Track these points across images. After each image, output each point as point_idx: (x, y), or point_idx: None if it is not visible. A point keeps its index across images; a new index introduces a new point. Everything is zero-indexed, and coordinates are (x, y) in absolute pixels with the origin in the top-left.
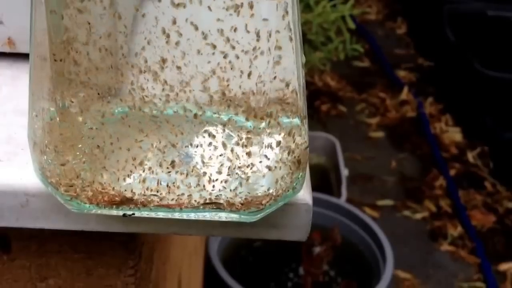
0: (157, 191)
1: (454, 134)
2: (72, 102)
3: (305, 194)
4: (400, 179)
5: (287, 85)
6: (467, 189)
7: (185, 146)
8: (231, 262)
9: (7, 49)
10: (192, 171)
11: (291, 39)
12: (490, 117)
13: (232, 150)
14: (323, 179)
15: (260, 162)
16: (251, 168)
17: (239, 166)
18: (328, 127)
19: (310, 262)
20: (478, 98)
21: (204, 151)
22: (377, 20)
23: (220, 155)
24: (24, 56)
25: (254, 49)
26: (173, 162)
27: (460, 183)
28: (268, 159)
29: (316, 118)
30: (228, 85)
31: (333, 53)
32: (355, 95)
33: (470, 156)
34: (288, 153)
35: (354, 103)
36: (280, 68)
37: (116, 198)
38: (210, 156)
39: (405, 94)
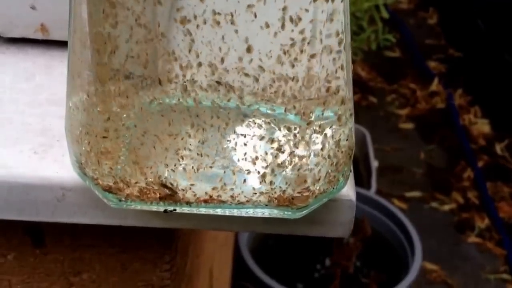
0: (199, 187)
1: (482, 126)
2: (113, 92)
3: (348, 190)
4: (429, 170)
5: (335, 77)
6: (494, 181)
7: (227, 140)
8: (259, 252)
9: (39, 36)
10: (234, 166)
11: (341, 31)
12: None
13: (276, 145)
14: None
15: (305, 157)
16: (295, 164)
17: (283, 161)
18: (358, 118)
19: (340, 254)
20: (507, 90)
21: (247, 145)
22: (409, 9)
23: (264, 150)
24: (58, 44)
25: (302, 40)
26: (215, 156)
27: (488, 175)
28: (313, 154)
29: None
30: (273, 77)
31: (365, 43)
32: (386, 85)
33: (498, 148)
34: (334, 148)
35: (385, 94)
36: (329, 60)
37: (157, 194)
38: (253, 151)
39: (435, 85)
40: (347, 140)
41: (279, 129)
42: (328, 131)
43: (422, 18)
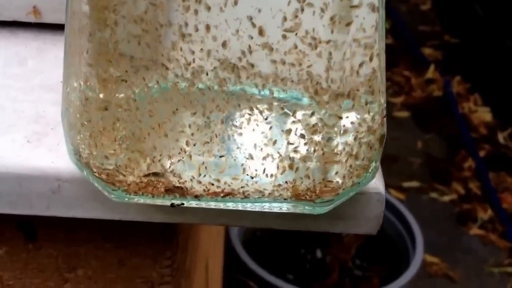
0: (209, 178)
1: (483, 114)
2: (113, 76)
3: (377, 182)
4: (427, 160)
5: (366, 63)
6: (497, 171)
7: (240, 127)
8: (250, 242)
9: (32, 19)
10: (248, 156)
11: (374, 10)
12: None
13: (297, 133)
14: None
15: (330, 146)
16: (319, 153)
17: (305, 150)
18: None
19: (339, 247)
20: (509, 76)
21: (263, 133)
22: None
23: (283, 139)
24: (51, 27)
25: (331, 19)
26: (226, 145)
27: (490, 164)
28: (340, 142)
29: None
30: (295, 58)
31: None
32: None
33: (501, 136)
34: (363, 136)
35: None
36: (360, 43)
37: (163, 186)
38: (271, 139)
39: (431, 72)
40: (378, 127)
41: (301, 115)
42: (358, 117)
43: (414, 4)
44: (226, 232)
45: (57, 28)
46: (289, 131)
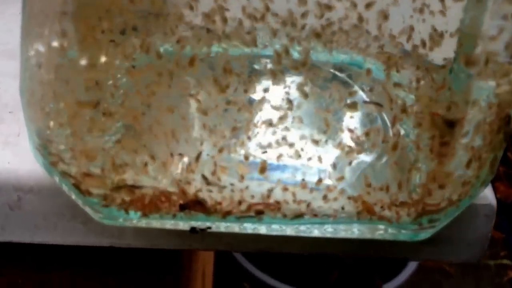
0: (240, 187)
1: None
2: (105, 35)
3: (486, 190)
4: None
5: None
6: None
7: (289, 109)
8: None
9: None
10: (297, 151)
11: None
12: None
13: (380, 121)
14: None
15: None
16: (424, 145)
17: (391, 145)
18: None
19: None
20: None
21: (327, 119)
22: None
23: (353, 126)
24: None
25: None
26: (267, 137)
27: None
28: (455, 134)
29: None
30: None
31: None
32: None
33: None
34: (483, 128)
35: None
36: None
37: (176, 199)
38: (338, 126)
39: None
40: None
41: (380, 89)
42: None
43: None
44: None
45: None
46: (366, 116)
